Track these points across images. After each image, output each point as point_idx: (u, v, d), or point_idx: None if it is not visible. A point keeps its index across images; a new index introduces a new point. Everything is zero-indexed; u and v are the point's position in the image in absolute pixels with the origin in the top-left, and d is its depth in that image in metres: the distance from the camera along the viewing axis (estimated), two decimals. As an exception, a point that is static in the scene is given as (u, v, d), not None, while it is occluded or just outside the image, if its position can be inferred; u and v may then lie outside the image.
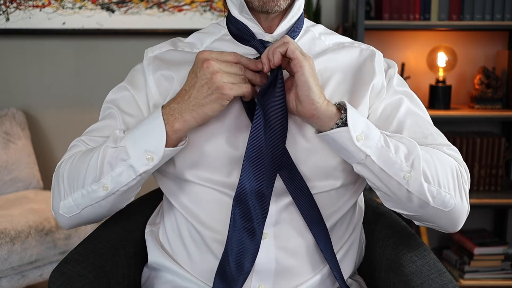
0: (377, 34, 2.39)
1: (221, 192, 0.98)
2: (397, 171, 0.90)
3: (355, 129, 0.89)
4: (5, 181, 2.20)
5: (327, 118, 0.90)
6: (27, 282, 1.92)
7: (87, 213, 0.99)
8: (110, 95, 1.07)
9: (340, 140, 0.90)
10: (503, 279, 2.26)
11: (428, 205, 0.93)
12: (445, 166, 0.94)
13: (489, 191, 2.29)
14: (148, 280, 1.10)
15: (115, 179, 0.93)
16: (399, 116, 1.00)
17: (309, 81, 0.89)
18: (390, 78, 1.04)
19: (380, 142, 0.90)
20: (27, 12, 2.35)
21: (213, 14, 2.38)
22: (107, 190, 0.94)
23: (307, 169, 0.97)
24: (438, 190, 0.92)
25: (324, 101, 0.91)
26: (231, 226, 0.93)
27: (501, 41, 2.41)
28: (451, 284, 0.98)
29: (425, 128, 1.00)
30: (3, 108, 2.37)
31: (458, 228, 0.99)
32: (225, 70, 0.90)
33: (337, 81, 1.01)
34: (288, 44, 0.89)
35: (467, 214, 0.97)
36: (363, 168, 0.92)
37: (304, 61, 0.89)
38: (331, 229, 1.01)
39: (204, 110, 0.91)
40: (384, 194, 0.95)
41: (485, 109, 2.27)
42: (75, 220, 1.00)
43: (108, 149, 0.93)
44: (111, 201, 0.97)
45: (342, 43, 1.08)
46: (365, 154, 0.90)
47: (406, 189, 0.91)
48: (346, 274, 1.05)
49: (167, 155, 0.93)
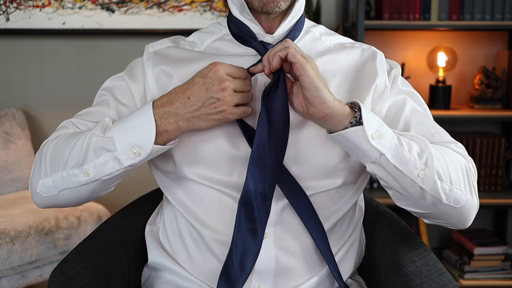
0: (377, 34, 2.39)
1: (221, 191, 0.98)
2: (411, 169, 0.90)
3: (370, 128, 0.88)
4: (5, 181, 2.20)
5: (341, 117, 0.89)
6: (27, 282, 1.92)
7: (65, 196, 0.98)
8: (107, 82, 1.08)
9: (354, 139, 0.89)
10: (503, 279, 2.26)
11: (441, 203, 0.92)
12: (455, 163, 0.94)
13: (489, 191, 2.29)
14: (148, 280, 1.10)
15: (98, 167, 0.92)
16: (405, 115, 1.00)
17: (315, 81, 0.88)
18: (395, 78, 1.04)
19: (394, 141, 0.89)
20: (27, 12, 2.35)
21: (213, 14, 2.38)
22: (88, 177, 0.93)
23: (307, 169, 0.97)
24: (450, 187, 0.92)
25: (335, 100, 0.90)
26: (236, 228, 0.93)
27: (501, 41, 2.41)
28: (451, 284, 0.98)
29: (431, 127, 1.01)
30: (3, 108, 2.37)
31: (468, 225, 0.99)
32: (238, 89, 0.91)
33: (339, 82, 1.01)
34: (288, 49, 0.89)
35: (477, 209, 0.97)
36: (377, 167, 0.91)
37: (306, 63, 0.88)
38: (332, 228, 1.01)
39: (201, 124, 0.92)
40: (397, 193, 0.95)
41: (485, 109, 2.27)
42: (50, 200, 0.99)
43: (94, 136, 0.93)
44: (90, 188, 0.96)
45: (343, 44, 1.08)
46: (379, 153, 0.89)
47: (420, 187, 0.91)
48: (346, 274, 1.05)
49: (155, 152, 0.93)
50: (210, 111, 0.91)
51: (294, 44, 0.91)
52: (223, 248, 0.97)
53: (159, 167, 1.04)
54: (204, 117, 0.91)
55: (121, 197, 1.72)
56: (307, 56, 0.91)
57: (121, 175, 0.96)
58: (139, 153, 0.91)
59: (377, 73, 1.02)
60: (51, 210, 2.00)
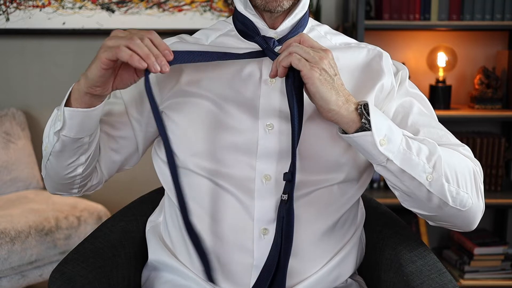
0: (377, 34, 2.39)
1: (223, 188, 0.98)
2: (420, 173, 0.90)
3: (378, 134, 0.87)
4: (5, 181, 2.20)
5: (348, 123, 0.89)
6: (27, 282, 1.92)
7: (48, 176, 1.05)
8: None
9: (363, 144, 0.89)
10: (503, 279, 2.26)
11: (447, 205, 0.93)
12: (463, 166, 0.94)
13: (489, 191, 2.29)
14: (148, 280, 1.10)
15: (47, 139, 0.98)
16: (413, 117, 1.00)
17: (320, 91, 0.87)
18: (402, 80, 1.04)
19: (402, 145, 0.89)
20: (27, 12, 2.35)
21: (213, 14, 2.38)
22: (46, 150, 1.00)
23: (310, 162, 0.97)
24: (457, 190, 0.92)
25: (343, 106, 0.88)
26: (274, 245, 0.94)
27: (501, 41, 2.41)
28: (451, 284, 0.98)
29: (439, 129, 1.01)
30: (3, 108, 2.37)
31: (474, 227, 0.99)
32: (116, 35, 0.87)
33: (344, 80, 1.01)
34: (291, 56, 0.87)
35: (482, 212, 0.98)
36: (384, 170, 0.91)
37: (311, 71, 0.86)
38: (333, 226, 1.02)
39: (87, 73, 0.89)
40: (403, 194, 0.95)
41: (485, 109, 2.27)
42: (47, 181, 1.07)
43: (55, 110, 0.97)
44: (53, 165, 1.01)
45: (349, 43, 1.08)
46: (386, 158, 0.89)
47: (427, 190, 0.91)
48: (346, 274, 1.06)
49: (71, 116, 0.92)
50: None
51: (299, 46, 0.88)
52: (221, 243, 0.98)
53: (160, 156, 1.06)
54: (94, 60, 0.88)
55: (121, 197, 1.72)
56: (320, 49, 0.89)
57: (66, 150, 0.97)
58: (60, 118, 0.93)
59: (383, 73, 1.02)
60: (51, 210, 2.00)
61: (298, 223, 0.98)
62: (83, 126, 0.94)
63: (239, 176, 0.97)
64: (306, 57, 0.87)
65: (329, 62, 0.89)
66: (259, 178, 0.96)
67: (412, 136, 0.93)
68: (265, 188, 0.96)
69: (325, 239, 1.01)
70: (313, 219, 0.99)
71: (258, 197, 0.96)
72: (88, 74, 0.88)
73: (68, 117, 0.92)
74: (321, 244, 1.01)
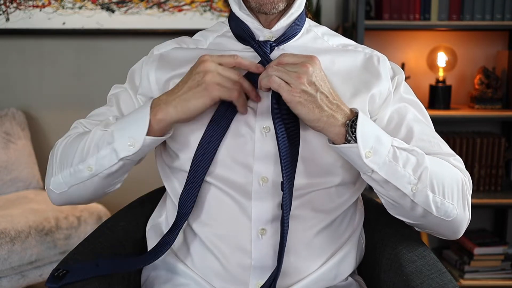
0: (377, 34, 2.39)
1: (221, 189, 0.98)
2: (404, 184, 0.91)
3: (364, 146, 0.88)
4: (5, 181, 2.20)
5: (335, 137, 0.91)
6: (27, 282, 1.92)
7: (74, 192, 1.01)
8: (112, 89, 1.12)
9: (349, 154, 0.90)
10: (503, 279, 2.26)
11: (431, 215, 0.94)
12: (451, 177, 0.95)
13: (489, 191, 2.29)
14: (147, 280, 1.10)
15: (99, 161, 0.95)
16: (407, 123, 1.01)
17: (301, 113, 0.90)
18: (398, 85, 1.04)
19: (389, 157, 0.90)
20: (27, 12, 2.35)
21: (213, 14, 2.38)
22: (91, 171, 0.96)
23: (306, 166, 0.97)
24: (442, 201, 0.93)
25: (327, 121, 0.90)
26: None
27: (501, 41, 2.41)
28: (451, 284, 0.98)
29: (431, 137, 1.01)
30: (3, 108, 2.37)
31: (459, 236, 1.01)
32: (219, 72, 0.92)
33: (339, 83, 1.01)
34: (270, 79, 0.90)
35: (467, 223, 0.99)
36: (370, 179, 0.93)
37: (290, 95, 0.88)
38: (330, 224, 1.02)
39: (187, 105, 0.92)
40: (388, 203, 0.97)
41: (485, 109, 2.27)
42: (62, 197, 1.03)
43: (97, 131, 0.96)
44: (95, 183, 0.99)
45: (346, 45, 1.08)
46: (371, 169, 0.90)
47: (411, 200, 0.92)
48: (346, 274, 1.06)
49: (148, 144, 0.94)
50: (193, 88, 0.92)
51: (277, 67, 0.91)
52: (220, 244, 0.98)
53: (163, 157, 1.06)
54: (188, 95, 0.92)
55: (121, 197, 1.71)
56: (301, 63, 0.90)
57: (121, 170, 0.98)
58: (133, 145, 0.93)
59: (380, 77, 1.01)
60: (51, 210, 2.00)
61: (295, 222, 0.98)
62: (151, 149, 0.97)
63: (236, 179, 0.97)
64: (285, 79, 0.89)
65: (309, 77, 0.89)
66: (256, 180, 0.96)
67: (401, 145, 0.93)
68: (262, 189, 0.96)
69: (321, 238, 1.01)
70: (309, 219, 1.00)
71: (256, 198, 0.96)
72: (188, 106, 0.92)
73: (147, 145, 0.94)
74: (318, 244, 1.01)
